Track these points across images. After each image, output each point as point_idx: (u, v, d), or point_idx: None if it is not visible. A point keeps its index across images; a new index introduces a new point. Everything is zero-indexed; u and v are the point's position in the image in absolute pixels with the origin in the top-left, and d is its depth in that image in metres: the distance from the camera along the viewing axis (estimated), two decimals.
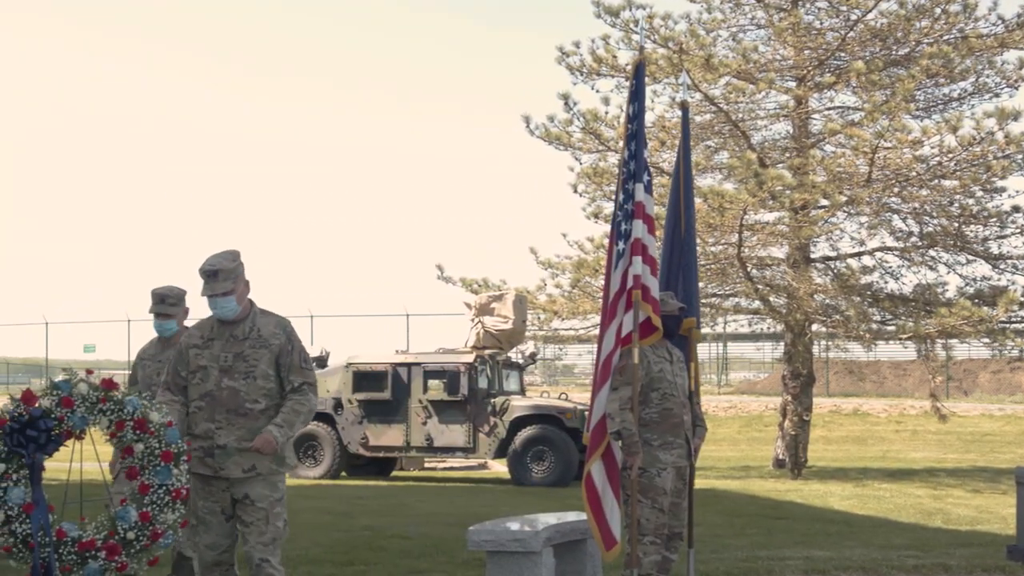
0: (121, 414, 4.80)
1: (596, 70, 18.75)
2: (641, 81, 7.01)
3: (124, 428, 4.79)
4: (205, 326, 5.60)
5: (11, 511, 4.57)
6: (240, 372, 5.44)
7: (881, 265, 18.81)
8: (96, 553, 4.68)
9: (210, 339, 5.52)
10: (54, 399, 4.69)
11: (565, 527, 7.34)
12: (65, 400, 4.70)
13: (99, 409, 4.77)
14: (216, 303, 5.44)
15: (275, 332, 5.54)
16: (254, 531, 5.37)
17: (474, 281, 19.84)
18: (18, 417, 4.61)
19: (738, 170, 17.12)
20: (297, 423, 5.45)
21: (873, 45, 18.18)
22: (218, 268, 5.41)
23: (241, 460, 5.35)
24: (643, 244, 6.64)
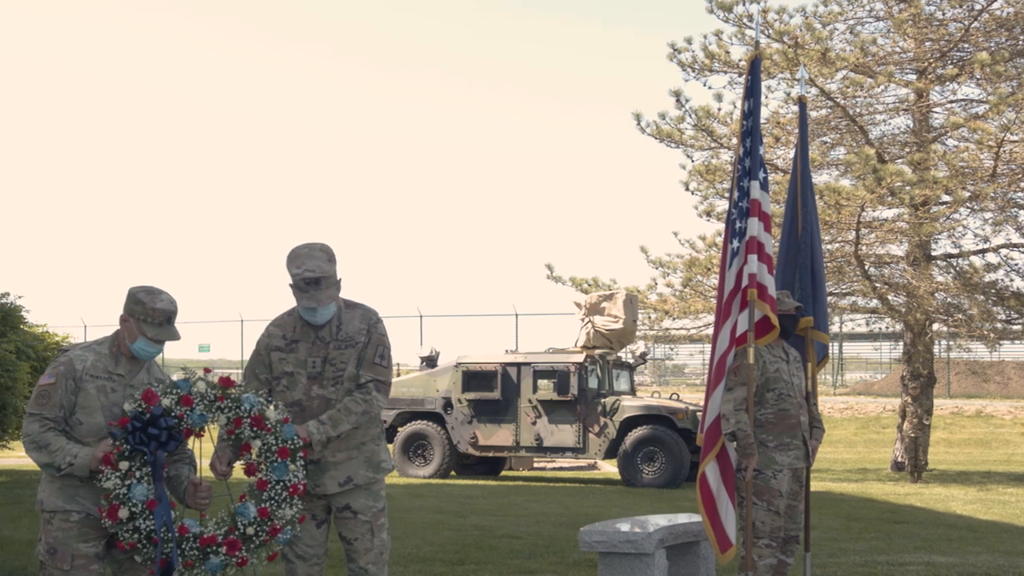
0: (238, 411, 4.81)
1: (708, 66, 18.60)
2: (757, 77, 6.89)
3: (241, 425, 4.81)
4: (286, 325, 5.20)
5: (135, 508, 4.63)
6: (329, 378, 5.10)
7: (1006, 262, 18.31)
8: (217, 548, 4.74)
9: (294, 341, 5.15)
10: (174, 398, 4.73)
11: (678, 529, 7.26)
12: (184, 399, 4.74)
13: (217, 407, 4.80)
14: (316, 313, 5.07)
15: (360, 328, 5.15)
16: (360, 547, 5.20)
17: (584, 280, 19.80)
18: (140, 415, 4.66)
19: (856, 166, 16.78)
20: (344, 423, 5.02)
21: (999, 35, 17.73)
22: (320, 276, 5.00)
23: (336, 473, 5.14)
24: (759, 242, 6.54)
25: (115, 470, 4.63)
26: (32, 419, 4.68)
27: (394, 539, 9.61)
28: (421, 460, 17.29)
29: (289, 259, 5.07)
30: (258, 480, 4.83)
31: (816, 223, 7.52)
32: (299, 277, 5.00)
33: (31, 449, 4.68)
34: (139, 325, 4.77)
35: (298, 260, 5.03)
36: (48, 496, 4.73)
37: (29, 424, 4.69)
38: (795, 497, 6.65)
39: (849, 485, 16.48)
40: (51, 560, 4.72)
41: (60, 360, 4.78)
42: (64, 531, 4.70)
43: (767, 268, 6.59)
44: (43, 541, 4.75)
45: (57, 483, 4.71)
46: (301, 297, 5.03)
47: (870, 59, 17.66)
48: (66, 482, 4.70)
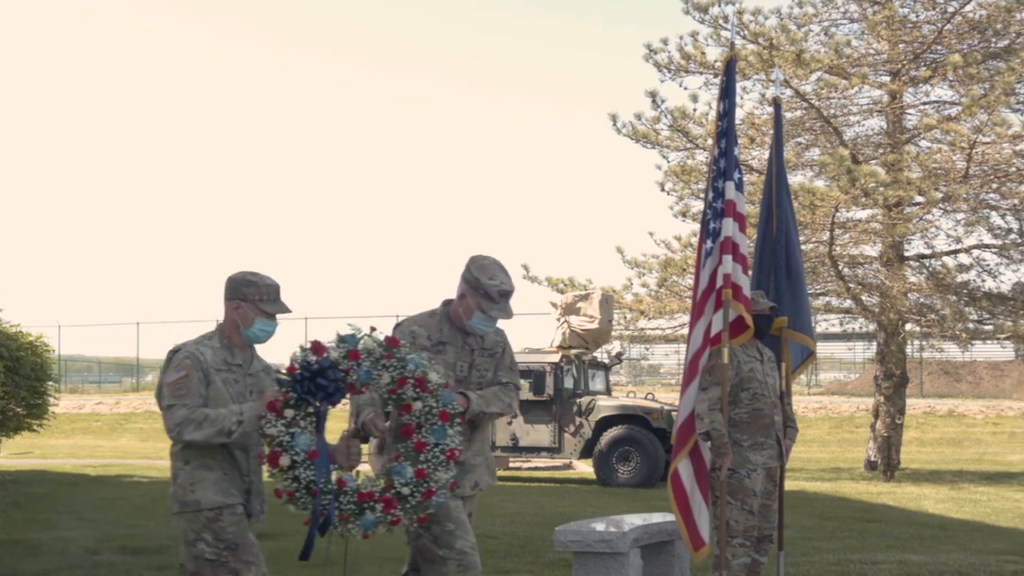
0: (403, 371, 4.80)
1: (684, 67, 18.67)
2: (732, 78, 6.93)
3: (405, 385, 4.80)
4: (430, 326, 5.23)
5: (297, 456, 4.60)
6: (474, 383, 5.27)
7: (978, 263, 18.47)
8: (374, 505, 4.73)
9: (440, 342, 5.22)
10: (342, 351, 4.72)
11: (652, 528, 7.29)
12: (352, 353, 4.74)
13: (383, 364, 4.79)
14: (495, 324, 5.25)
15: (497, 340, 5.37)
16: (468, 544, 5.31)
17: (560, 280, 19.85)
18: (308, 365, 4.64)
19: (830, 167, 16.90)
20: (495, 406, 5.24)
21: (971, 37, 17.89)
22: (512, 290, 5.14)
23: (472, 477, 5.29)
24: (733, 242, 6.57)
25: (280, 417, 4.62)
26: (174, 408, 4.62)
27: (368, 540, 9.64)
28: None
29: (481, 268, 5.13)
30: (417, 442, 4.82)
31: (793, 223, 7.56)
32: (496, 289, 5.08)
33: (190, 431, 4.59)
34: (255, 306, 4.79)
35: (492, 271, 5.12)
36: (205, 494, 4.69)
37: (175, 412, 4.61)
38: (769, 496, 6.68)
39: (823, 484, 16.58)
40: (234, 555, 4.69)
41: (181, 355, 4.73)
42: (237, 524, 4.73)
43: (742, 268, 6.61)
44: (211, 541, 4.68)
45: (211, 478, 4.70)
46: (491, 307, 5.10)
47: (844, 61, 17.77)
48: (220, 476, 4.71)
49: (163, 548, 9.04)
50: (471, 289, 5.07)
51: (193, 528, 4.70)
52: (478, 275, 5.03)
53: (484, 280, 5.07)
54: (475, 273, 5.05)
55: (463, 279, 5.13)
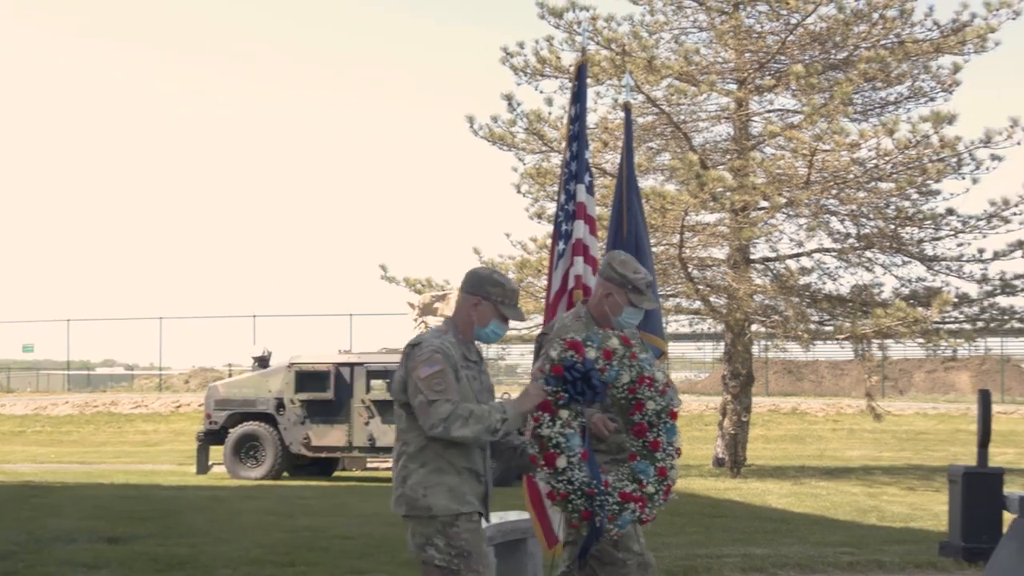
0: (642, 370, 4.80)
1: (540, 71, 18.82)
2: (583, 82, 7.05)
3: (643, 384, 4.79)
4: (581, 328, 5.09)
5: (572, 457, 4.58)
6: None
7: (819, 266, 19.07)
8: (631, 504, 4.73)
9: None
10: (597, 351, 4.69)
11: (507, 526, 7.35)
12: (606, 352, 4.71)
13: (627, 364, 4.77)
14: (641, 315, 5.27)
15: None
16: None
17: (417, 281, 19.84)
18: (575, 366, 4.60)
19: (680, 171, 17.27)
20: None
21: (812, 49, 18.38)
22: (652, 280, 5.17)
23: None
24: (584, 244, 6.67)
25: (555, 417, 4.57)
26: (437, 403, 4.42)
27: (223, 541, 9.54)
28: (253, 461, 17.06)
29: (623, 264, 5.17)
30: (652, 440, 4.83)
31: (643, 226, 7.68)
32: (643, 281, 5.13)
33: (457, 427, 4.40)
34: (495, 306, 4.66)
35: (634, 265, 5.17)
36: (439, 500, 4.52)
37: (438, 407, 4.41)
38: None
39: None
40: (466, 564, 4.51)
41: (429, 349, 4.54)
42: (472, 532, 4.56)
43: (592, 270, 6.73)
44: (442, 547, 4.51)
45: (447, 484, 4.53)
46: (640, 300, 5.13)
47: (693, 68, 18.13)
48: (457, 481, 4.53)
49: (9, 554, 8.76)
50: (617, 286, 5.11)
51: (424, 532, 4.56)
52: (623, 271, 5.09)
53: (630, 275, 5.12)
54: (620, 270, 5.10)
55: (605, 279, 5.17)
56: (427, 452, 4.53)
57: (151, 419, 30.71)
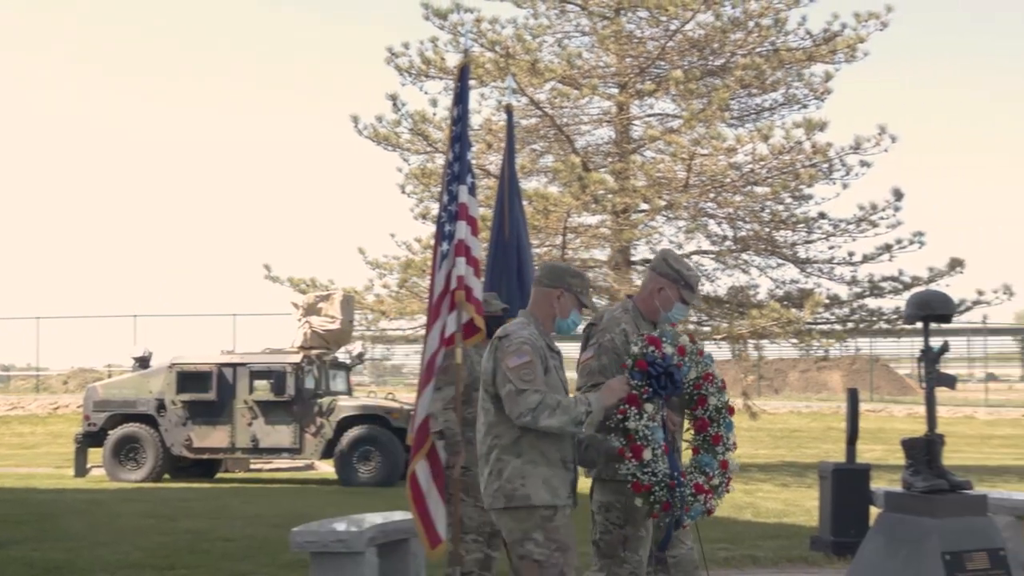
0: (707, 367, 5.00)
1: (425, 72, 18.85)
2: (466, 84, 7.11)
3: (707, 380, 4.99)
4: (629, 321, 5.19)
5: (656, 450, 4.69)
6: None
7: (697, 268, 19.37)
8: (701, 495, 4.87)
9: (642, 334, 5.17)
10: (672, 348, 4.85)
11: (389, 527, 7.39)
12: (680, 348, 4.88)
13: (696, 360, 4.95)
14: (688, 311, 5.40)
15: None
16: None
17: (302, 281, 19.72)
18: (657, 361, 4.75)
19: (562, 174, 17.46)
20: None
21: (691, 55, 18.71)
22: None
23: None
24: (466, 245, 6.72)
25: (641, 411, 4.69)
26: (526, 393, 4.50)
27: (101, 545, 9.39)
28: (133, 464, 16.77)
29: (678, 261, 5.31)
30: (713, 435, 5.00)
31: (524, 227, 7.78)
32: (695, 278, 5.28)
33: (545, 417, 4.49)
34: (577, 298, 4.85)
35: (687, 263, 5.30)
36: (537, 491, 4.57)
37: (528, 397, 4.50)
38: None
39: None
40: (564, 558, 4.54)
41: (518, 340, 4.63)
42: (567, 526, 4.62)
43: (474, 271, 6.80)
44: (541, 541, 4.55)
45: (542, 475, 4.58)
46: (691, 296, 5.26)
47: (576, 72, 18.35)
48: (551, 472, 4.59)
49: None
50: (671, 282, 5.19)
51: (522, 527, 4.58)
52: (678, 267, 5.20)
53: (684, 272, 5.24)
54: (675, 267, 5.21)
55: (658, 274, 5.23)
56: (522, 443, 4.61)
57: (28, 421, 29.83)
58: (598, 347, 5.11)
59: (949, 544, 6.06)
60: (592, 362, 5.10)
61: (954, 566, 5.99)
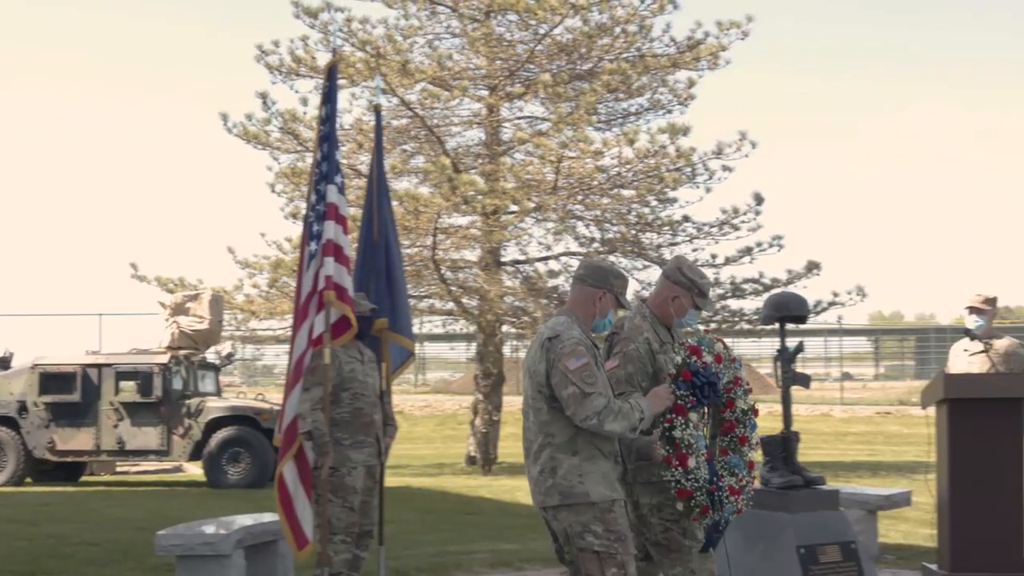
0: (737, 372, 5.23)
1: (295, 70, 18.71)
2: (334, 83, 7.14)
3: (737, 384, 5.21)
4: (648, 329, 5.31)
5: (699, 458, 4.91)
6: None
7: (566, 269, 19.45)
8: (732, 496, 5.07)
9: (663, 342, 5.30)
10: (710, 355, 5.05)
11: (257, 529, 7.39)
12: (717, 356, 5.09)
13: (728, 366, 5.18)
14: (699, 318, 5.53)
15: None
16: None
17: (169, 280, 19.38)
18: (700, 371, 4.94)
19: (432, 175, 17.51)
20: None
21: (559, 59, 18.87)
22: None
23: None
24: (336, 245, 6.75)
25: (686, 420, 4.89)
26: (593, 396, 4.61)
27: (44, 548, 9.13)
28: None
29: (692, 269, 5.39)
30: (740, 436, 5.21)
31: (392, 227, 7.82)
32: (707, 286, 5.40)
33: (610, 421, 4.62)
34: (616, 299, 4.96)
35: (699, 271, 5.42)
36: (596, 487, 4.68)
37: (595, 400, 4.61)
38: (369, 493, 6.91)
39: (426, 479, 17.12)
40: (623, 547, 4.68)
41: (572, 342, 4.70)
42: (624, 517, 4.76)
43: (345, 270, 6.84)
44: (600, 532, 4.66)
45: (599, 471, 4.70)
46: (705, 303, 5.37)
47: (447, 73, 18.40)
48: (607, 468, 4.73)
49: None
50: (685, 290, 5.31)
51: (580, 520, 4.68)
52: (692, 276, 5.31)
53: (698, 280, 5.34)
54: (689, 275, 5.31)
55: (671, 281, 5.34)
56: (578, 441, 4.70)
57: None
58: (623, 356, 5.22)
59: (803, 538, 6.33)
60: (619, 371, 5.19)
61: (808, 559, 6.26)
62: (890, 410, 29.40)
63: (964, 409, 6.88)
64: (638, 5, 18.53)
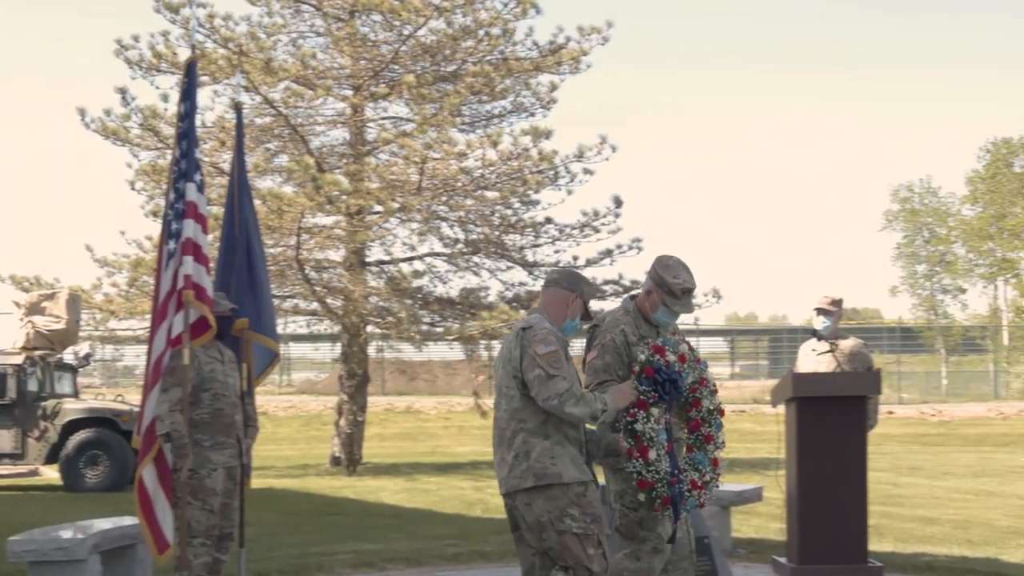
0: (702, 372, 5.42)
1: (156, 66, 18.37)
2: (193, 80, 7.06)
3: (702, 384, 5.41)
4: (629, 323, 5.49)
5: (660, 450, 5.15)
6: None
7: (431, 270, 19.62)
8: (695, 491, 5.31)
9: (642, 337, 5.45)
10: (674, 355, 5.25)
11: (115, 533, 7.26)
12: (681, 357, 5.28)
13: (693, 367, 5.38)
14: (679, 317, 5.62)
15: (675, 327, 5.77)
16: None
17: (25, 279, 18.81)
18: (662, 368, 5.16)
19: (296, 174, 17.38)
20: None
21: (424, 60, 18.92)
22: (693, 287, 5.54)
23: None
24: (195, 244, 6.67)
25: (648, 414, 5.14)
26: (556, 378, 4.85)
27: None
28: None
29: (665, 268, 5.50)
30: (706, 434, 5.44)
31: (254, 227, 7.75)
32: (680, 287, 5.45)
33: (570, 405, 4.85)
34: (586, 304, 5.24)
35: (676, 271, 5.49)
36: (567, 469, 4.90)
37: (558, 382, 4.84)
38: (230, 495, 6.84)
39: (290, 481, 16.98)
40: (599, 527, 4.92)
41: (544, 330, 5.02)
42: (597, 499, 4.99)
43: (205, 270, 6.76)
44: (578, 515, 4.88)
45: (569, 454, 4.93)
46: (674, 303, 5.47)
47: (310, 72, 18.27)
48: (575, 452, 4.96)
49: None
50: (656, 286, 5.45)
51: (557, 504, 4.88)
52: (663, 274, 5.43)
53: (668, 279, 5.45)
54: (660, 272, 5.44)
55: (649, 276, 5.52)
56: (548, 426, 4.93)
57: None
58: (601, 347, 5.44)
59: None
60: (597, 361, 5.41)
61: None
62: (745, 408, 30.21)
63: (811, 407, 7.17)
64: (501, 9, 18.71)
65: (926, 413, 31.38)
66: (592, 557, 4.88)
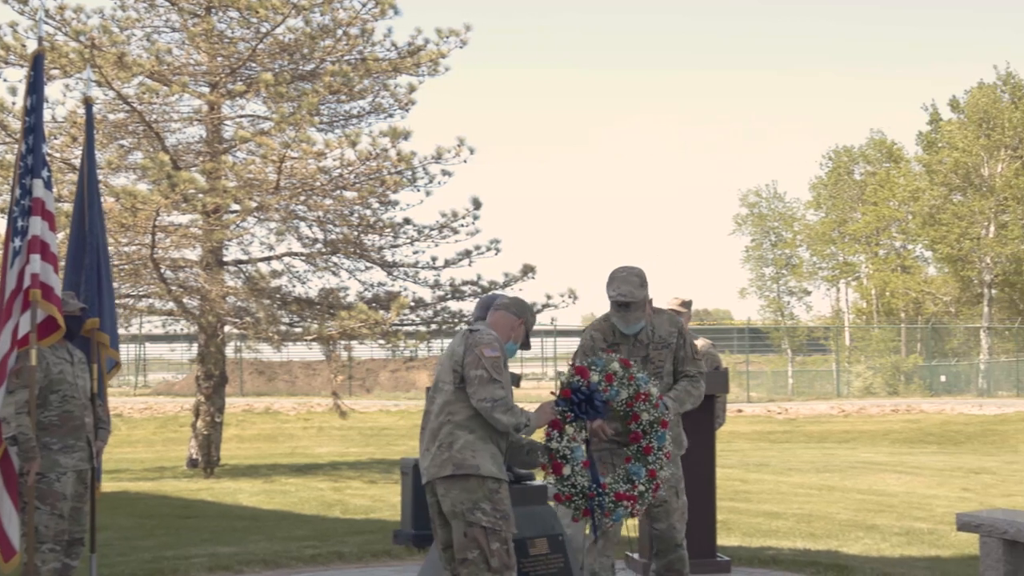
0: (639, 388, 5.68)
1: (3, 58, 17.76)
2: (40, 73, 6.93)
3: (639, 399, 5.67)
4: (605, 330, 6.11)
5: (576, 466, 5.45)
6: (651, 374, 6.05)
7: (289, 270, 19.48)
8: (624, 502, 5.58)
9: (615, 343, 6.04)
10: (600, 375, 5.54)
11: None
12: (608, 376, 5.59)
13: (625, 383, 5.65)
14: (628, 327, 6.04)
15: (671, 331, 6.22)
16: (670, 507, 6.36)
17: None
18: (580, 389, 5.43)
19: (151, 171, 16.99)
20: (688, 403, 6.21)
21: (282, 58, 18.76)
22: (630, 301, 5.92)
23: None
24: (42, 241, 6.56)
25: (563, 434, 5.45)
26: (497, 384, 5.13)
27: None
28: None
29: (608, 281, 6.02)
30: (645, 446, 5.73)
31: (102, 225, 7.60)
32: (613, 300, 6.00)
33: (500, 411, 5.14)
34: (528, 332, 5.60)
35: (615, 284, 5.99)
36: (486, 463, 5.17)
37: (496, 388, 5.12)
38: (80, 499, 6.75)
39: (146, 484, 16.64)
40: (506, 525, 5.20)
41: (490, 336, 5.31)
42: (509, 499, 5.26)
43: (52, 268, 6.63)
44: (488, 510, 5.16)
45: (490, 451, 5.20)
46: (614, 314, 6.03)
47: (166, 68, 17.91)
48: (494, 451, 5.22)
49: None
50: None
51: (472, 497, 5.13)
52: (606, 286, 6.00)
53: (608, 291, 6.01)
54: (607, 284, 6.00)
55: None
56: (475, 421, 5.20)
57: None
58: (579, 347, 6.14)
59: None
60: (576, 360, 5.93)
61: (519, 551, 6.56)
62: None
63: None
64: (360, 9, 18.64)
65: (773, 411, 32.36)
66: (494, 552, 5.16)
